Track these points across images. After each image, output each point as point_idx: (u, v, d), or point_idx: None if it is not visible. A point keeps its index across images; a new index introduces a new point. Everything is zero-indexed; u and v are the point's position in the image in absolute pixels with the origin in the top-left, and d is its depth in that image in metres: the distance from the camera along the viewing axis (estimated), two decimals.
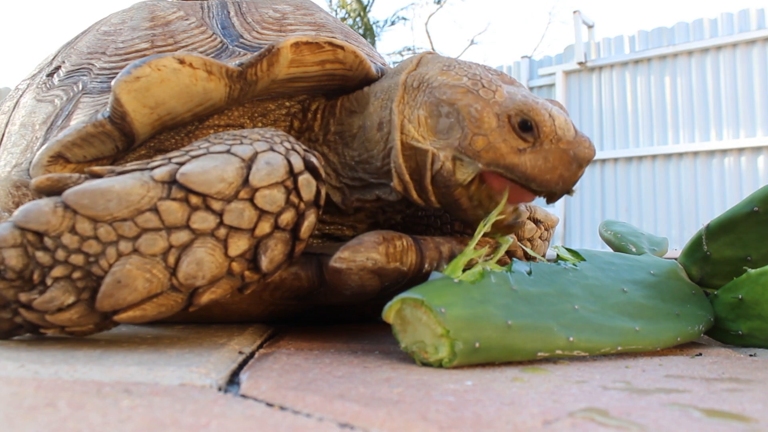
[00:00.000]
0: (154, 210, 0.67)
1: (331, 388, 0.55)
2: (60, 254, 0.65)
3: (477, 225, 0.79)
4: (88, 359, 0.63)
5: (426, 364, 0.66)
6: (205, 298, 0.71)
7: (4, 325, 0.69)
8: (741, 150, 5.28)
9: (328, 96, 1.05)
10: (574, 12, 6.06)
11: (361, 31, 12.68)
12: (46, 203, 0.66)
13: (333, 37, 0.98)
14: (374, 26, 13.19)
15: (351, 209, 0.98)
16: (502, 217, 0.82)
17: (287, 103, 1.03)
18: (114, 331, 0.86)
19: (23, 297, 0.65)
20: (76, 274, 0.66)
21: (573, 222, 6.10)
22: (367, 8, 13.05)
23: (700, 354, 0.80)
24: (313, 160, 0.78)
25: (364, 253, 0.79)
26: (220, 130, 0.97)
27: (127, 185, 0.68)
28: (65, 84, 1.08)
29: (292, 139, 0.80)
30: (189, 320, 0.94)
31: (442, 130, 0.83)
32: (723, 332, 0.89)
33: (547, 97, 0.88)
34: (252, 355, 0.72)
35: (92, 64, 1.07)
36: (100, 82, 1.02)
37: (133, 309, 0.67)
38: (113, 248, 0.66)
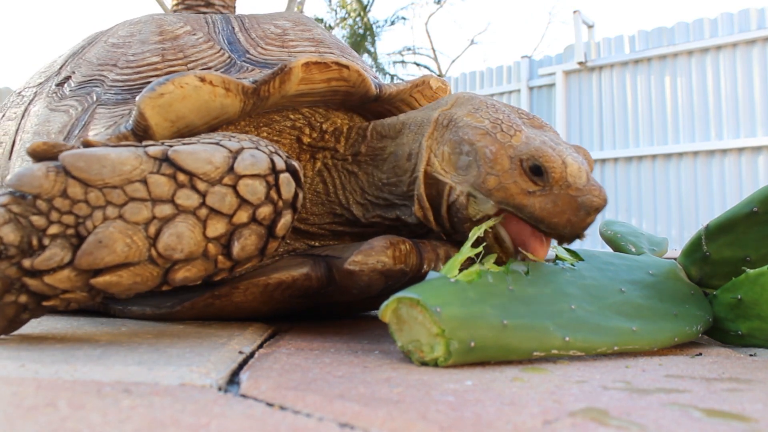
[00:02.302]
0: (143, 182, 0.72)
1: (331, 388, 0.55)
2: (54, 215, 0.69)
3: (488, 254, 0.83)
4: (88, 359, 0.63)
5: (422, 363, 0.66)
6: (180, 275, 0.75)
7: (10, 311, 0.70)
8: (741, 150, 5.28)
9: (328, 105, 1.11)
10: (574, 12, 6.06)
11: (361, 30, 12.68)
12: (38, 167, 0.69)
13: (336, 57, 1.05)
14: (374, 26, 13.20)
15: (369, 223, 1.06)
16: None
17: (291, 116, 1.09)
18: (114, 330, 0.86)
19: (26, 262, 0.67)
20: (70, 231, 0.69)
21: None
22: (367, 8, 13.06)
23: (700, 354, 0.81)
24: (295, 164, 0.84)
25: (375, 257, 0.86)
26: None
27: (122, 155, 0.72)
28: (78, 94, 1.12)
29: (276, 146, 0.85)
30: (204, 316, 0.98)
31: (461, 166, 0.89)
32: (722, 332, 0.89)
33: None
34: (252, 354, 0.72)
35: (104, 76, 1.12)
36: (115, 93, 1.08)
37: (110, 273, 0.70)
38: (100, 212, 0.70)
